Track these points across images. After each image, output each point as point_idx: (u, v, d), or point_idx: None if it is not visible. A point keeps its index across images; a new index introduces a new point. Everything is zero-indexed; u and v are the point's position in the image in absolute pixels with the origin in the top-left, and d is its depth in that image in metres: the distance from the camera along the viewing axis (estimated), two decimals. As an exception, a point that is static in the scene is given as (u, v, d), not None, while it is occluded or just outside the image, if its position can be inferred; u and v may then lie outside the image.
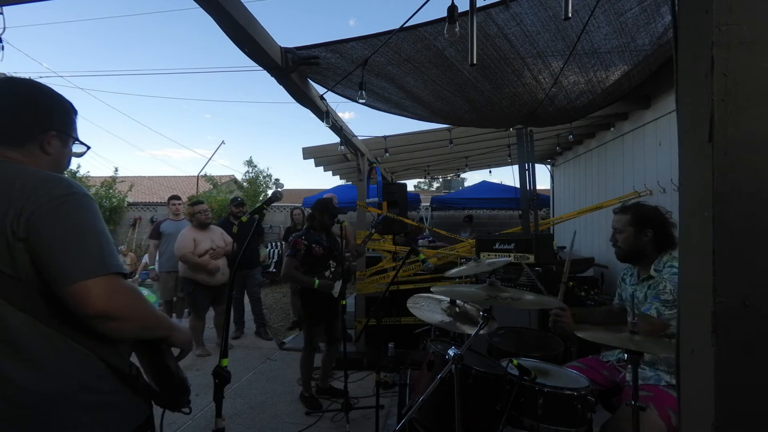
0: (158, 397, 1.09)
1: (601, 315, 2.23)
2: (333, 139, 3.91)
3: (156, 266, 5.14)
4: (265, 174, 15.05)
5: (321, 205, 3.27)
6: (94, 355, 0.95)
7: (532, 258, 3.07)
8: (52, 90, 1.06)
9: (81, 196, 0.94)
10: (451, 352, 1.51)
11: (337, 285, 3.14)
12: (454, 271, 2.16)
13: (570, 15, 1.42)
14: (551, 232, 7.30)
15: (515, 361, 1.70)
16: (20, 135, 0.98)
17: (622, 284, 2.15)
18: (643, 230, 1.90)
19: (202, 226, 4.40)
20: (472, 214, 9.09)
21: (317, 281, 3.04)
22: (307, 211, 5.25)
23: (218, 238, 4.45)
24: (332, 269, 3.23)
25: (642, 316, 1.74)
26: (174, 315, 5.27)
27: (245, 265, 4.97)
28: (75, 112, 1.11)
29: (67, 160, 1.10)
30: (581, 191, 6.40)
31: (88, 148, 1.15)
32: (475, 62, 1.61)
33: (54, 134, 1.03)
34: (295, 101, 2.83)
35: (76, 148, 1.13)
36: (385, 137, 4.85)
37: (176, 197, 5.24)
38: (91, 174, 13.11)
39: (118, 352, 1.00)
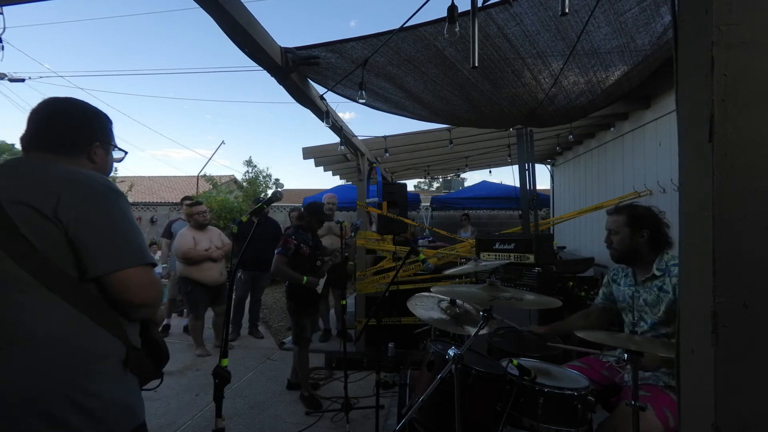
0: (148, 368, 1.15)
1: (577, 322, 2.21)
2: (333, 139, 3.91)
3: (168, 264, 5.23)
4: (264, 174, 15.08)
5: (313, 209, 3.48)
6: (113, 335, 1.02)
7: (532, 258, 3.07)
8: (90, 104, 1.17)
9: (120, 192, 1.06)
10: (451, 352, 1.51)
11: (321, 282, 3.39)
12: (453, 270, 2.17)
13: (567, 11, 1.41)
14: (551, 232, 7.30)
15: (515, 361, 1.70)
16: (72, 147, 1.10)
17: (612, 285, 2.13)
18: (639, 231, 1.88)
19: (200, 226, 4.41)
20: (468, 213, 9.02)
21: (305, 278, 3.22)
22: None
23: (216, 238, 4.47)
24: (319, 263, 3.44)
25: None
26: (174, 314, 5.28)
27: (256, 266, 4.89)
28: (111, 122, 1.21)
29: (110, 166, 1.22)
30: (581, 191, 6.40)
31: (126, 153, 1.26)
32: (476, 65, 1.60)
33: (98, 144, 1.14)
34: (295, 101, 2.83)
35: (116, 154, 1.23)
36: (385, 137, 4.85)
37: (189, 198, 5.32)
38: (91, 174, 13.10)
39: (133, 330, 1.10)
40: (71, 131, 1.10)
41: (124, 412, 1.03)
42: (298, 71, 2.54)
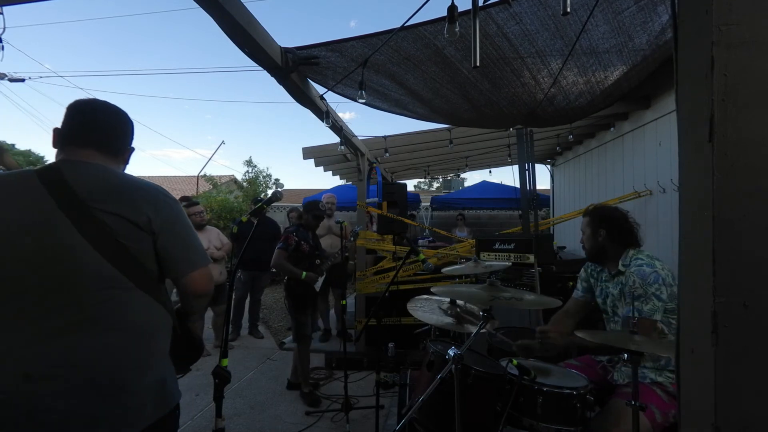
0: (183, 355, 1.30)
1: (567, 325, 2.15)
2: (333, 139, 3.91)
3: None
4: (264, 174, 15.09)
5: (309, 206, 3.54)
6: (172, 318, 1.20)
7: (532, 258, 3.07)
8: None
9: (177, 200, 1.20)
10: (451, 352, 1.51)
11: (320, 280, 3.43)
12: (451, 268, 2.16)
13: (568, 10, 1.42)
14: (551, 232, 7.30)
15: (515, 361, 1.70)
16: (121, 150, 1.23)
17: (590, 279, 2.16)
18: (597, 230, 2.01)
19: (198, 227, 4.38)
20: (463, 213, 8.94)
21: (304, 273, 3.29)
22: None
23: (215, 238, 4.46)
24: (318, 262, 3.49)
25: (641, 320, 1.74)
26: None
27: (255, 267, 4.91)
28: None
29: None
30: (581, 191, 6.41)
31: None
32: (478, 64, 1.61)
33: (131, 150, 1.28)
34: (295, 101, 2.83)
35: None
36: (385, 137, 4.85)
37: (187, 198, 5.29)
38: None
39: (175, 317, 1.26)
40: (124, 136, 1.24)
41: (176, 385, 1.20)
42: (298, 71, 2.53)
